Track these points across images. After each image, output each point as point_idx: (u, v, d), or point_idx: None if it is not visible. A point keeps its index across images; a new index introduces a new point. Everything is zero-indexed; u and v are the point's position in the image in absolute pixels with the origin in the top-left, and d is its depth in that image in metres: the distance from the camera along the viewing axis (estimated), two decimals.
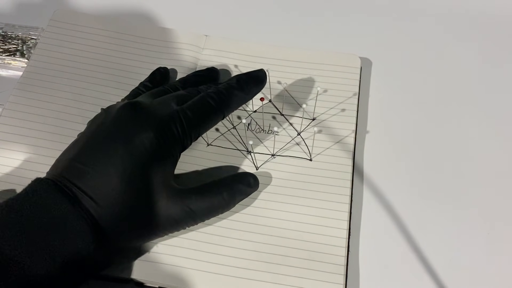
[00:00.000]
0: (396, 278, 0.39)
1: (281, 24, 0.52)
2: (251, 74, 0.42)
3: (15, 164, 0.42)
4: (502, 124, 0.46)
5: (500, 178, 0.43)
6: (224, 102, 0.39)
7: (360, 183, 0.43)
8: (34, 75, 0.46)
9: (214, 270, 0.38)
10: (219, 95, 0.39)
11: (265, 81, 0.42)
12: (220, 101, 0.39)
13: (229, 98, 0.40)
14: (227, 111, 0.40)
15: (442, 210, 0.42)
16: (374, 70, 0.49)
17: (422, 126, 0.46)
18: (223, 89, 0.40)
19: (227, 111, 0.40)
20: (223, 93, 0.39)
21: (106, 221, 0.33)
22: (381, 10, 0.53)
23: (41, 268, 0.31)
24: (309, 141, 0.43)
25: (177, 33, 0.49)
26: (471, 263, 0.39)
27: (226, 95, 0.39)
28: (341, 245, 0.39)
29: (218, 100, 0.39)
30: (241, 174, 0.40)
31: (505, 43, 0.51)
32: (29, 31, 0.50)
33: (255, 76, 0.42)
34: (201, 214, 0.37)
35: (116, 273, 0.37)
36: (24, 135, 0.43)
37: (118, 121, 0.36)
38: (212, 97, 0.39)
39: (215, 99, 0.39)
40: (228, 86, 0.40)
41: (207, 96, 0.39)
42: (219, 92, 0.39)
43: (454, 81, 0.48)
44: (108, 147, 0.35)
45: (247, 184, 0.39)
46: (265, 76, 0.42)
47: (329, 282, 0.37)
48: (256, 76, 0.42)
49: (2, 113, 0.44)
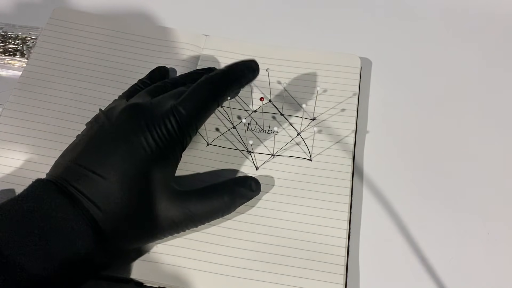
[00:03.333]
0: (396, 278, 0.39)
1: (281, 24, 0.52)
2: (242, 62, 0.41)
3: (15, 164, 0.42)
4: (503, 124, 0.46)
5: (500, 178, 0.43)
6: (217, 89, 0.39)
7: (360, 183, 0.43)
8: (33, 75, 0.46)
9: (214, 270, 0.38)
10: (210, 82, 0.39)
11: (257, 71, 0.41)
12: (212, 88, 0.38)
13: (221, 84, 0.39)
14: (221, 99, 0.39)
15: (442, 210, 0.42)
16: (374, 70, 0.49)
17: (422, 126, 0.46)
18: (213, 77, 0.39)
19: (221, 98, 0.39)
20: (214, 80, 0.39)
21: (106, 223, 0.33)
22: (381, 10, 0.53)
23: (41, 269, 0.30)
24: (309, 141, 0.43)
25: (177, 33, 0.49)
26: (471, 263, 0.39)
27: (218, 81, 0.39)
28: (341, 245, 0.39)
29: (211, 87, 0.38)
30: (243, 177, 0.40)
31: (506, 42, 0.51)
32: (29, 31, 0.50)
33: (247, 65, 0.41)
34: (201, 217, 0.37)
35: (116, 273, 0.37)
36: (24, 135, 0.43)
37: (118, 125, 0.36)
38: (203, 87, 0.38)
39: (207, 87, 0.38)
40: (218, 73, 0.39)
41: (198, 86, 0.38)
42: (210, 80, 0.39)
43: (454, 81, 0.48)
44: (109, 151, 0.35)
45: (249, 187, 0.39)
46: (257, 66, 0.41)
47: (329, 282, 0.37)
48: (248, 65, 0.41)
49: (2, 113, 0.44)
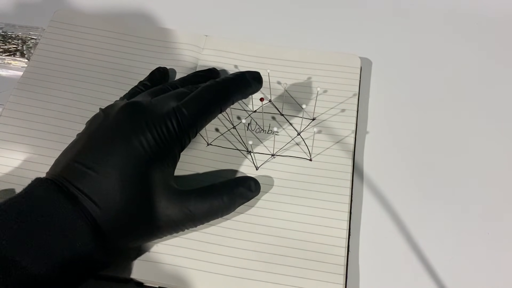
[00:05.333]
0: (396, 278, 0.39)
1: (281, 24, 0.52)
2: (249, 72, 0.41)
3: (15, 164, 0.42)
4: (503, 124, 0.46)
5: (500, 178, 0.43)
6: (221, 95, 0.39)
7: (360, 183, 0.43)
8: (34, 75, 0.46)
9: (214, 270, 0.38)
10: (216, 88, 0.39)
11: (261, 82, 0.41)
12: (217, 94, 0.39)
13: (226, 91, 0.39)
14: (224, 105, 0.39)
15: (442, 210, 0.42)
16: (374, 70, 0.49)
17: (422, 126, 0.46)
18: (220, 83, 0.39)
19: (224, 105, 0.39)
20: (220, 87, 0.39)
21: (105, 222, 0.33)
22: (381, 10, 0.53)
23: (41, 268, 0.30)
24: (309, 141, 0.43)
25: (177, 33, 0.49)
26: (471, 263, 0.39)
27: (223, 88, 0.39)
28: (341, 245, 0.39)
29: (215, 93, 0.39)
30: (243, 178, 0.40)
31: (507, 43, 0.51)
32: (29, 31, 0.50)
33: (254, 75, 0.41)
34: (200, 216, 0.37)
35: (116, 273, 0.37)
36: (24, 135, 0.43)
37: (117, 123, 0.36)
38: (208, 91, 0.38)
39: (212, 92, 0.38)
40: (225, 80, 0.40)
41: (204, 90, 0.38)
42: (216, 86, 0.39)
43: (454, 81, 0.48)
44: (108, 149, 0.35)
45: (248, 188, 0.39)
46: (261, 78, 0.41)
47: (329, 282, 0.37)
48: (255, 75, 0.41)
49: (2, 113, 0.44)
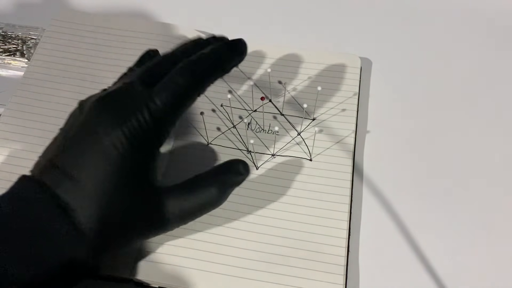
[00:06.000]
0: (396, 278, 0.39)
1: (281, 24, 0.52)
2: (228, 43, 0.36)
3: (16, 164, 0.42)
4: (503, 124, 0.46)
5: (501, 178, 0.43)
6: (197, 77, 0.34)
7: (360, 183, 0.43)
8: (35, 75, 0.46)
9: (214, 270, 0.38)
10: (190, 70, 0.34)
11: (245, 53, 0.36)
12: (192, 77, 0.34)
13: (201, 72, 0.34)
14: (202, 89, 0.35)
15: (442, 210, 0.42)
16: (374, 70, 0.49)
17: (423, 126, 0.46)
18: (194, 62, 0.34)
19: (201, 88, 0.35)
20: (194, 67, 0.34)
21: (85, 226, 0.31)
22: (381, 10, 0.53)
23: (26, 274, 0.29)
24: (309, 141, 0.43)
25: (178, 31, 0.49)
26: (471, 263, 0.39)
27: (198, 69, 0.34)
28: (341, 245, 0.39)
29: (190, 76, 0.34)
30: (228, 162, 0.36)
31: (508, 44, 0.51)
32: (29, 31, 0.50)
33: (233, 47, 0.36)
34: (189, 213, 0.34)
35: (116, 273, 0.37)
36: (26, 135, 0.43)
37: (87, 123, 0.33)
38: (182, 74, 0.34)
39: (185, 75, 0.34)
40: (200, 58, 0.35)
41: (176, 74, 0.34)
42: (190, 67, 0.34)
43: (455, 81, 0.48)
44: (80, 150, 0.32)
45: (237, 171, 0.35)
46: (245, 47, 0.36)
47: (329, 282, 0.37)
48: (234, 47, 0.36)
49: (3, 113, 0.44)
